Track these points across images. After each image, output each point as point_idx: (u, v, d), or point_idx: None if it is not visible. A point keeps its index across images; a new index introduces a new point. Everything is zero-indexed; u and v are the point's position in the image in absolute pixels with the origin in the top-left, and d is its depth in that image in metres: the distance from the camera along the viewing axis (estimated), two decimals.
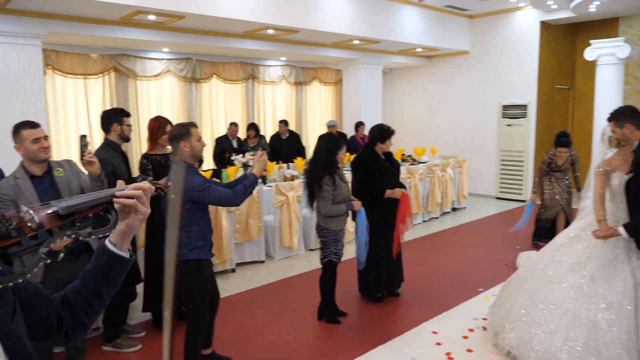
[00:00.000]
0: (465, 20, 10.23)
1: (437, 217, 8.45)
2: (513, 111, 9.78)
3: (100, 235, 1.16)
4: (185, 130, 3.06)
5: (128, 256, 1.24)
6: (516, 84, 9.76)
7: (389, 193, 4.38)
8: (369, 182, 4.38)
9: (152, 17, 6.27)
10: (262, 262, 6.05)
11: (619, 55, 8.41)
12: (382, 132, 4.49)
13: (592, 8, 8.25)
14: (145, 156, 3.99)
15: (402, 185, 4.62)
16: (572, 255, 3.48)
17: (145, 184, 1.22)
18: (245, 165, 6.56)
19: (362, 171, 4.42)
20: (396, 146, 11.39)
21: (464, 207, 9.23)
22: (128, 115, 3.91)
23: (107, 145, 3.83)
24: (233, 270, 5.70)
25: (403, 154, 8.61)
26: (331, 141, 4.01)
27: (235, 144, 7.98)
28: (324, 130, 8.59)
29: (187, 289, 3.16)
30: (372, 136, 4.55)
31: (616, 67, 8.55)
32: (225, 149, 7.76)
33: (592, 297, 3.22)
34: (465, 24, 10.24)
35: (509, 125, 9.87)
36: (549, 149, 10.14)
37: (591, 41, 8.74)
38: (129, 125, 3.88)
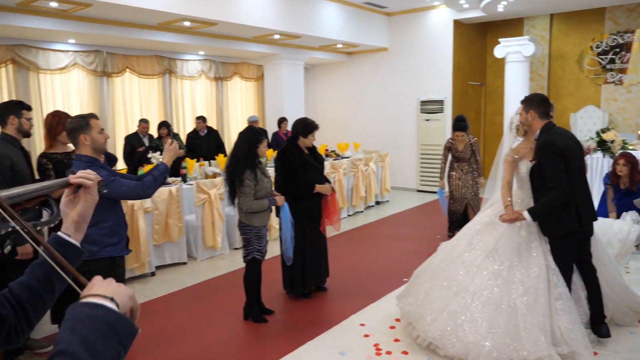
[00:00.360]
0: (384, 17, 10.44)
1: (361, 211, 8.55)
2: (430, 106, 10.12)
3: (42, 227, 1.11)
4: (84, 122, 2.81)
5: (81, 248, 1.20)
6: (432, 80, 10.10)
7: (319, 188, 4.33)
8: (292, 177, 4.29)
9: (54, 4, 5.78)
10: (184, 263, 5.78)
11: (525, 53, 8.94)
12: (305, 126, 4.42)
13: (500, 8, 8.71)
14: (44, 155, 3.62)
15: (327, 180, 4.58)
16: (488, 242, 3.53)
17: (92, 172, 1.21)
18: None
19: (286, 166, 4.32)
20: (320, 141, 11.41)
21: (387, 201, 9.42)
22: (28, 108, 3.57)
23: (3, 139, 3.46)
24: (152, 274, 5.39)
25: (327, 149, 8.62)
26: (251, 134, 3.88)
27: (146, 142, 7.53)
28: (246, 126, 8.39)
29: None
30: (295, 130, 4.46)
31: (522, 64, 9.10)
32: (135, 147, 7.31)
33: (512, 284, 3.31)
34: (383, 21, 10.45)
35: (427, 120, 10.20)
36: None
37: (500, 39, 9.24)
38: (29, 119, 3.54)
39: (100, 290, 0.92)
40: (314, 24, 8.64)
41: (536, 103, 3.49)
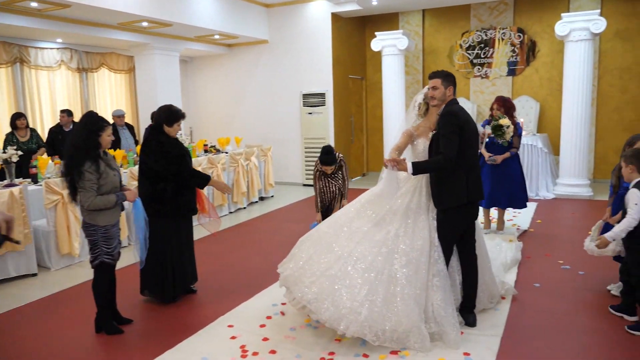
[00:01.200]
0: (263, 9, 10.19)
1: (244, 208, 8.25)
2: (313, 100, 10.08)
3: None
4: None
5: None
6: (314, 73, 10.06)
7: (213, 182, 4.18)
8: (170, 169, 3.91)
9: None
10: (34, 275, 5.08)
11: (399, 47, 9.20)
12: (171, 114, 4.04)
13: (374, 1, 8.86)
14: None
15: None
16: (377, 212, 3.50)
17: None
18: (6, 162, 5.45)
19: (163, 157, 3.92)
20: (202, 137, 10.93)
21: (272, 196, 9.21)
22: None
23: None
24: None
25: (205, 145, 8.17)
26: (92, 120, 3.40)
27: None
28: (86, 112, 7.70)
29: None
30: (159, 118, 4.06)
31: (398, 57, 9.36)
32: None
33: (395, 253, 3.31)
34: (262, 13, 10.20)
35: (310, 113, 10.14)
36: (347, 135, 10.89)
37: (376, 33, 9.42)
38: None
39: None
40: (186, 12, 8.15)
41: (453, 80, 3.52)
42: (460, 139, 3.30)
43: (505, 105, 5.70)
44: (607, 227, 3.99)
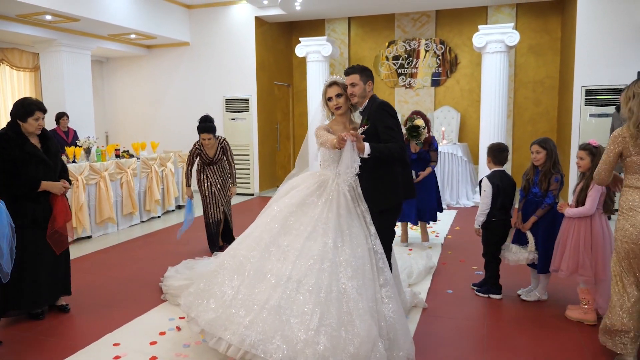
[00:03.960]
0: (183, 9, 9.78)
1: (158, 216, 7.75)
2: (236, 105, 9.75)
3: None
4: None
5: None
6: (237, 78, 9.75)
7: (45, 185, 3.55)
8: (13, 172, 3.43)
9: None
10: None
11: (323, 53, 9.10)
12: (23, 108, 3.56)
13: (298, 6, 8.71)
14: None
15: (64, 178, 3.80)
16: (306, 223, 3.06)
17: None
18: None
19: (3, 157, 3.44)
20: (118, 141, 10.29)
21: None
22: None
23: None
24: None
25: (117, 149, 7.62)
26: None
27: None
28: None
29: None
30: (11, 113, 3.60)
31: (322, 64, 9.25)
32: None
33: (339, 266, 2.89)
34: (183, 14, 9.79)
35: (233, 119, 9.80)
36: (273, 143, 10.63)
37: (301, 39, 9.28)
38: None
39: None
40: (96, 7, 7.61)
41: (371, 74, 3.34)
42: None
43: (422, 120, 5.63)
44: (518, 233, 3.98)
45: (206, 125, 5.21)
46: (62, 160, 3.91)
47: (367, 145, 3.03)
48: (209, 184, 5.48)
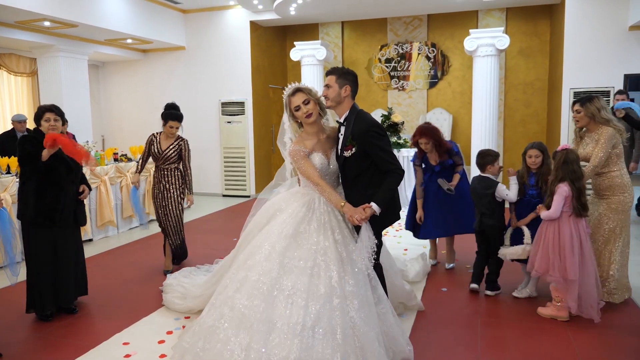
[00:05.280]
0: (179, 14, 9.90)
1: None
2: (232, 108, 9.88)
3: None
4: None
5: None
6: (233, 82, 9.88)
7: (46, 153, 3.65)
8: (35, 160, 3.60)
9: None
10: None
11: (318, 57, 9.25)
12: (36, 113, 3.81)
13: (292, 11, 8.85)
14: None
15: (86, 184, 4.01)
16: (305, 258, 2.90)
17: None
18: None
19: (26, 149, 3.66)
20: (114, 145, 10.37)
21: (188, 207, 8.85)
22: None
23: None
24: None
25: (115, 153, 7.72)
26: None
27: None
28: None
29: None
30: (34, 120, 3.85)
31: (317, 67, 9.40)
32: None
33: (346, 299, 2.80)
34: (179, 18, 9.90)
35: (229, 122, 9.93)
36: (268, 145, 10.76)
37: (295, 43, 9.42)
38: None
39: None
40: (94, 13, 7.71)
41: (352, 79, 3.07)
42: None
43: (433, 137, 4.71)
44: (516, 232, 4.15)
45: (175, 112, 4.83)
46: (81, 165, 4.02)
47: (375, 207, 2.90)
48: (161, 190, 4.95)
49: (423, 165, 4.99)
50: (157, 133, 5.04)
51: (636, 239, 6.07)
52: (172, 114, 4.87)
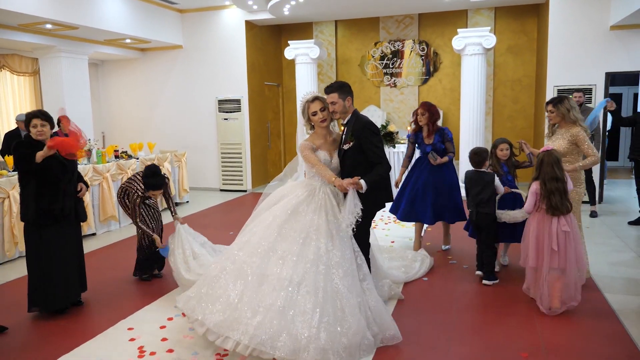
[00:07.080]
0: (176, 14, 10.15)
1: None
2: (228, 105, 10.16)
3: None
4: None
5: None
6: (229, 79, 10.16)
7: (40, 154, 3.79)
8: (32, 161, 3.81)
9: None
10: None
11: (311, 56, 9.52)
12: (24, 121, 3.99)
13: (286, 11, 9.12)
14: None
15: (83, 182, 4.29)
16: (300, 230, 3.41)
17: None
18: None
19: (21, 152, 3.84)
20: (114, 142, 10.66)
21: (187, 202, 9.19)
22: None
23: None
24: None
25: (116, 150, 8.02)
26: None
27: None
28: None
29: None
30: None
31: (310, 66, 9.67)
32: None
33: (332, 267, 3.30)
34: (176, 18, 10.16)
35: (225, 119, 10.22)
36: (264, 141, 11.06)
37: (289, 42, 9.69)
38: None
39: None
40: (94, 15, 7.98)
41: (349, 89, 3.69)
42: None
43: (429, 111, 5.28)
44: (511, 231, 4.60)
45: (157, 180, 4.57)
46: (76, 163, 4.29)
47: (363, 182, 3.43)
48: (150, 215, 4.91)
49: (416, 146, 5.57)
50: (141, 190, 4.61)
51: (621, 239, 6.39)
52: (155, 183, 4.58)
